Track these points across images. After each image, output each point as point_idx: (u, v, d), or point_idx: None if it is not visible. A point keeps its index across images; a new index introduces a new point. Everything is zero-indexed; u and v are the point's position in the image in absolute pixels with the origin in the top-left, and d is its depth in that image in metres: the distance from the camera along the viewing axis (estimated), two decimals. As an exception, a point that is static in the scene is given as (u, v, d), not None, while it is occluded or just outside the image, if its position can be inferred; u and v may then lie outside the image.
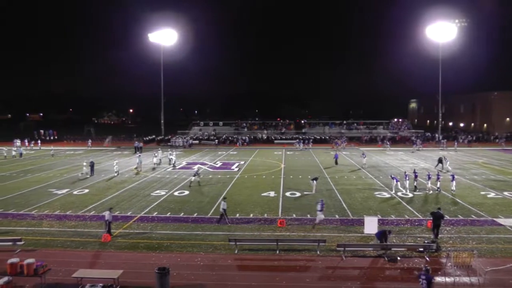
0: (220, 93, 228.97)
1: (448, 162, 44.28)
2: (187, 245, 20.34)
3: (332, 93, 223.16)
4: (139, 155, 47.37)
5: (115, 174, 40.46)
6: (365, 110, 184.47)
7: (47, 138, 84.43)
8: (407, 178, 32.25)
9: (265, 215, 25.44)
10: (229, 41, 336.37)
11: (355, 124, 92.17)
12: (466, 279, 16.25)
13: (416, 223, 23.60)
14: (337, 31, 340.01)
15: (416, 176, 33.18)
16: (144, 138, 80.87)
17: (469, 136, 77.29)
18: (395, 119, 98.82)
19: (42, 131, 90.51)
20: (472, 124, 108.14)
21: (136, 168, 44.44)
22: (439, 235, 21.11)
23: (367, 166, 45.05)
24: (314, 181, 32.47)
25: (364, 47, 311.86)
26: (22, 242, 20.21)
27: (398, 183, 32.39)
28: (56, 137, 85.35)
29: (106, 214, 22.00)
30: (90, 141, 74.85)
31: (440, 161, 44.39)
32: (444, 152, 58.68)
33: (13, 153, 58.04)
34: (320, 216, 23.21)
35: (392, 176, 33.58)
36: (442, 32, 76.88)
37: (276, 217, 24.94)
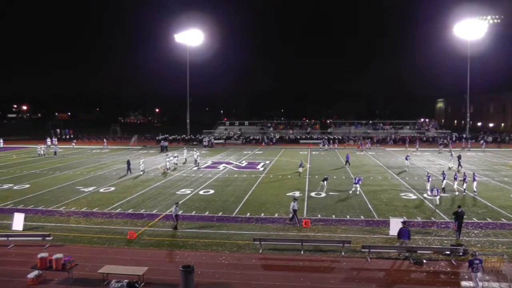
0: (246, 93, 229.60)
1: (451, 160, 44.73)
2: (212, 244, 20.42)
3: (358, 93, 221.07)
4: (167, 154, 48.03)
5: (141, 173, 40.94)
6: (392, 110, 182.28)
7: (63, 137, 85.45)
8: (428, 180, 31.75)
9: (290, 215, 25.28)
10: (255, 41, 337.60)
11: (381, 124, 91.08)
12: (495, 285, 15.81)
13: (443, 226, 23.12)
14: (364, 29, 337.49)
15: (444, 178, 32.58)
16: (157, 138, 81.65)
17: (486, 137, 75.51)
18: (422, 119, 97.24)
19: (58, 130, 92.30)
20: (503, 125, 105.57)
21: (165, 167, 44.94)
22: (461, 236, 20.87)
23: (407, 169, 44.24)
24: (325, 182, 32.26)
25: (391, 46, 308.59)
26: (51, 238, 20.69)
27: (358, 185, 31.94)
28: (72, 136, 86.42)
29: (173, 209, 22.56)
30: (105, 140, 76.16)
31: (458, 161, 43.72)
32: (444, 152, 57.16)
33: (42, 151, 59.29)
34: (436, 201, 27.38)
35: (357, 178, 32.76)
36: (471, 30, 75.05)
37: (301, 217, 24.78)
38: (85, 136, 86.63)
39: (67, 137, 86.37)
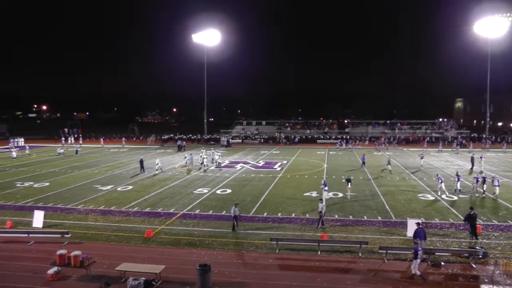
0: (263, 93, 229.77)
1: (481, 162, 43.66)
2: (229, 243, 20.44)
3: (376, 92, 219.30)
4: (191, 154, 48.40)
5: (157, 172, 41.29)
6: (410, 110, 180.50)
7: (72, 136, 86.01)
8: (440, 181, 31.20)
9: (307, 215, 25.22)
10: (273, 40, 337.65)
11: (399, 124, 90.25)
12: (516, 288, 15.51)
13: (461, 228, 22.68)
14: (382, 29, 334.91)
15: (458, 179, 32.06)
16: (162, 137, 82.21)
17: (492, 137, 74.01)
18: (440, 119, 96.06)
19: (66, 129, 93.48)
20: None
21: (186, 166, 45.25)
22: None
23: (422, 168, 43.78)
24: (348, 184, 30.91)
25: (409, 45, 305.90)
26: (69, 235, 20.98)
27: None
28: (80, 135, 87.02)
29: (232, 210, 22.37)
30: (102, 139, 77.18)
31: (472, 162, 42.90)
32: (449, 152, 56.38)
33: (60, 150, 60.37)
34: (496, 190, 29.73)
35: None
36: (492, 27, 73.24)
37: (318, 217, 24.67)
38: (93, 135, 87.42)
39: (75, 136, 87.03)
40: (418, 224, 19.56)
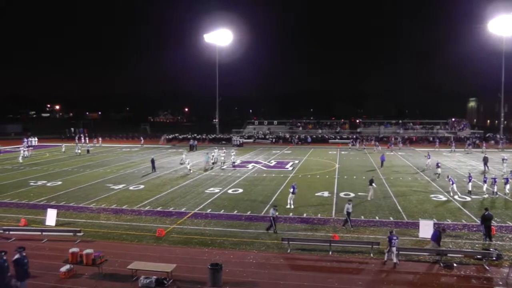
0: (275, 93, 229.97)
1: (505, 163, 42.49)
2: (240, 243, 20.44)
3: (388, 92, 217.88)
4: (207, 153, 48.39)
5: (190, 171, 41.93)
6: (422, 110, 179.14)
7: (78, 136, 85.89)
8: (451, 182, 30.68)
9: (319, 215, 25.16)
10: (284, 40, 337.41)
11: (411, 124, 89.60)
12: (531, 292, 15.28)
13: (474, 229, 22.45)
14: (393, 28, 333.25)
15: (470, 180, 31.69)
16: (167, 137, 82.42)
17: (497, 137, 73.16)
18: (453, 119, 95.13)
19: (72, 129, 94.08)
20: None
21: (205, 165, 45.39)
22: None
23: (430, 168, 43.05)
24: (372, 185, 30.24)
25: (421, 44, 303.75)
26: (82, 233, 21.12)
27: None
28: (86, 135, 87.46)
29: (271, 211, 22.18)
30: (99, 139, 77.52)
31: (485, 162, 42.22)
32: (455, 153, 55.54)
33: (63, 149, 61.45)
34: None
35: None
36: (506, 26, 71.35)
37: (330, 217, 24.62)
38: (98, 135, 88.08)
39: (81, 136, 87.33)
40: (442, 228, 19.50)
